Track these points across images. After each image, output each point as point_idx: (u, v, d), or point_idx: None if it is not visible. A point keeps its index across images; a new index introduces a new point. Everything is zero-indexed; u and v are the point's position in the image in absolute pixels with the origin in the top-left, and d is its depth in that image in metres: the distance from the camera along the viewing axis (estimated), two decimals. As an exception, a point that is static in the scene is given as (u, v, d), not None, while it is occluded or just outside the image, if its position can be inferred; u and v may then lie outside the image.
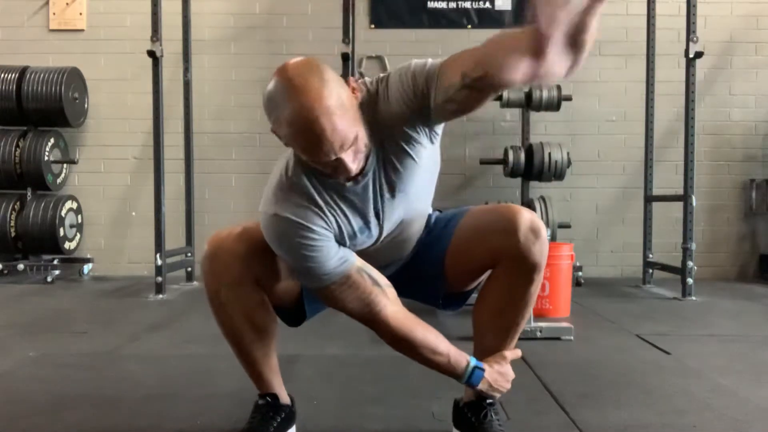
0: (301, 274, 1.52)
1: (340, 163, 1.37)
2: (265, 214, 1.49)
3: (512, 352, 1.68)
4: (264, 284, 1.60)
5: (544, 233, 1.58)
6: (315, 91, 1.30)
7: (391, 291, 1.56)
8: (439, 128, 1.53)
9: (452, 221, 1.68)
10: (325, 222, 1.49)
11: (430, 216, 1.72)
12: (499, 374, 1.65)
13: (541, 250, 1.56)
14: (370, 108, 1.47)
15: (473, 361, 1.62)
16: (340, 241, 1.53)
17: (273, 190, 1.50)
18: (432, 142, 1.53)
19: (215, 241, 1.59)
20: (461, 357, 1.61)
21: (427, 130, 1.50)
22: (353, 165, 1.38)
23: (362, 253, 1.58)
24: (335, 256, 1.49)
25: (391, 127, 1.47)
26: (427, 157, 1.53)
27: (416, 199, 1.59)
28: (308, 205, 1.47)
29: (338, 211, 1.50)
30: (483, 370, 1.61)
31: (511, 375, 1.68)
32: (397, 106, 1.46)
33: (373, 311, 1.54)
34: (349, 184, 1.49)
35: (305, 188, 1.48)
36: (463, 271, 1.67)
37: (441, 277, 1.67)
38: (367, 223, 1.54)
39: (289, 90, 1.32)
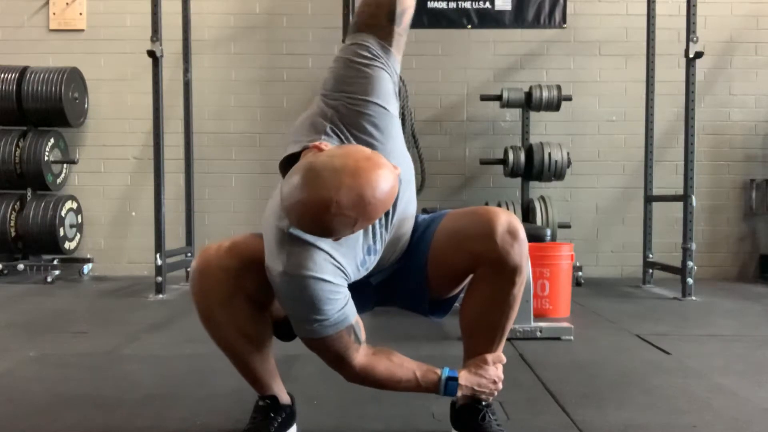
0: (299, 323, 1.50)
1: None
2: (274, 271, 1.45)
3: (494, 356, 1.66)
4: (255, 299, 1.57)
5: (522, 234, 1.57)
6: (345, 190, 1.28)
7: (363, 346, 1.57)
8: (392, 102, 1.56)
9: (431, 227, 1.67)
10: (335, 265, 1.46)
11: (416, 217, 1.71)
12: (480, 377, 1.64)
13: (520, 252, 1.56)
14: (339, 120, 1.50)
15: (446, 373, 1.61)
16: (354, 274, 1.52)
17: (275, 245, 1.46)
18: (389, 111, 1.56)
19: (204, 257, 1.56)
20: (431, 373, 1.61)
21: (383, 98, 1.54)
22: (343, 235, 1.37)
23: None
24: (339, 311, 1.47)
25: (357, 114, 1.51)
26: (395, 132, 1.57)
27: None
28: (315, 254, 1.44)
29: (343, 247, 1.48)
30: (456, 379, 1.60)
31: (497, 376, 1.66)
32: (358, 87, 1.52)
33: (343, 363, 1.55)
34: None
35: (307, 239, 1.44)
36: (444, 276, 1.66)
37: (424, 283, 1.66)
38: (368, 241, 1.54)
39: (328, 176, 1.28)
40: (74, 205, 5.27)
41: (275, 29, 5.45)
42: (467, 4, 5.40)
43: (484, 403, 1.70)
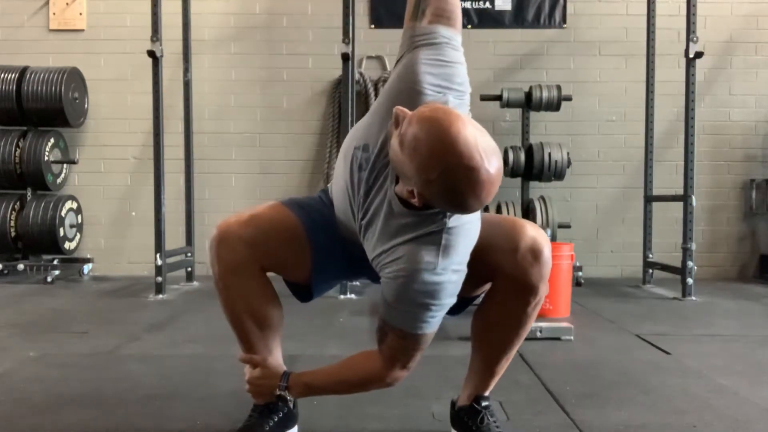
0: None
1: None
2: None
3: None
4: (271, 269, 1.63)
5: (546, 255, 1.52)
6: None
7: None
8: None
9: None
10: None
11: None
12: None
13: (539, 273, 1.52)
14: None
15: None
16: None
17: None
18: None
19: (223, 225, 1.61)
20: None
21: None
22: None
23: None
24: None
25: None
26: None
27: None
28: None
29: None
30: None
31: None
32: None
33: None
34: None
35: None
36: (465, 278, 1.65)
37: None
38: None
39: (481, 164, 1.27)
40: (74, 205, 5.27)
41: (275, 29, 5.45)
42: (467, 4, 5.41)
43: (484, 404, 1.70)
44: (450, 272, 1.43)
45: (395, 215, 1.45)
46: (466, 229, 1.46)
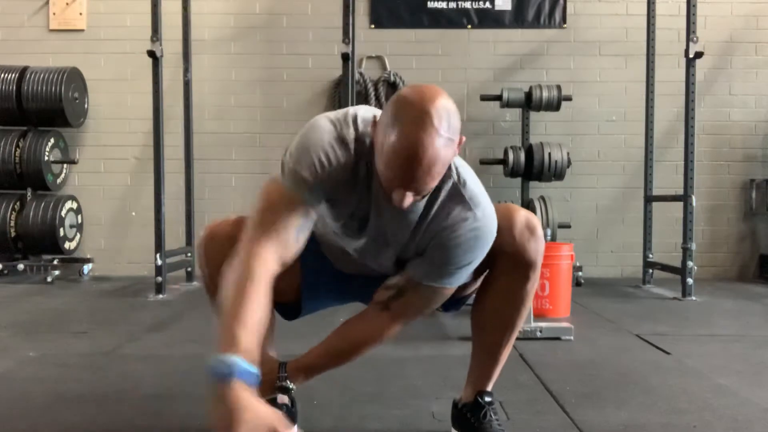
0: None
1: (399, 195, 1.35)
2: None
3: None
4: None
5: (540, 231, 1.59)
6: (434, 136, 1.29)
7: None
8: None
9: None
10: (340, 167, 1.45)
11: None
12: None
13: (536, 248, 1.57)
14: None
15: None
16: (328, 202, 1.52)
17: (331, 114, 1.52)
18: None
19: (211, 226, 1.62)
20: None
21: None
22: (406, 202, 1.36)
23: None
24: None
25: None
26: None
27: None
28: (345, 140, 1.49)
29: (353, 187, 1.48)
30: None
31: None
32: None
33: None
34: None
35: (359, 136, 1.48)
36: None
37: None
38: (360, 223, 1.54)
39: (419, 115, 1.29)
40: (74, 205, 5.27)
41: (275, 29, 5.45)
42: (467, 4, 5.41)
43: (487, 400, 1.70)
44: (488, 218, 1.52)
45: (411, 212, 1.48)
46: (468, 174, 1.56)
